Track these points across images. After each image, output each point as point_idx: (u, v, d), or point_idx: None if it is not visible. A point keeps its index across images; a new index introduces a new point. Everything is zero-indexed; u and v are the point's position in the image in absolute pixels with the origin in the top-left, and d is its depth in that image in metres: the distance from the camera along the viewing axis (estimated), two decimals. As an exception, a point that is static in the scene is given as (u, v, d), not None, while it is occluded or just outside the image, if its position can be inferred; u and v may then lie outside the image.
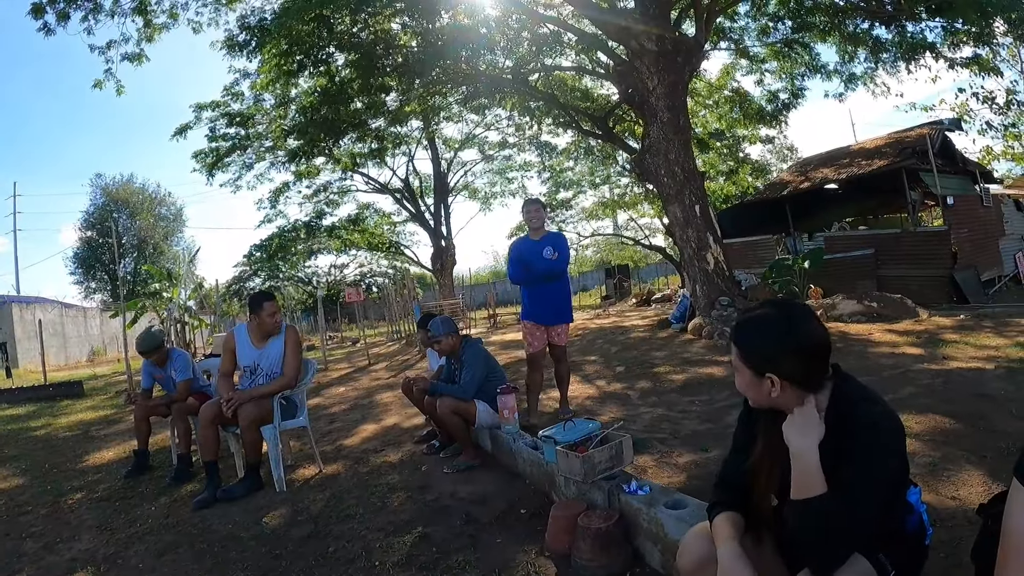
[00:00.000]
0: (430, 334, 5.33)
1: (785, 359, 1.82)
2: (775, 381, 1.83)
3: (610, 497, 3.36)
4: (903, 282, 13.20)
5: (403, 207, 25.89)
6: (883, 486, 1.73)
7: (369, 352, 14.45)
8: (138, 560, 3.81)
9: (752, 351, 1.89)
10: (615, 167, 23.77)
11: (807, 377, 1.85)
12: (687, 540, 2.12)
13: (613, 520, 3.09)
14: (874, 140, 20.52)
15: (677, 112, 10.56)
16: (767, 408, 1.98)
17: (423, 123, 21.09)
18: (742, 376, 1.93)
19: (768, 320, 1.90)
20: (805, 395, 1.86)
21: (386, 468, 5.18)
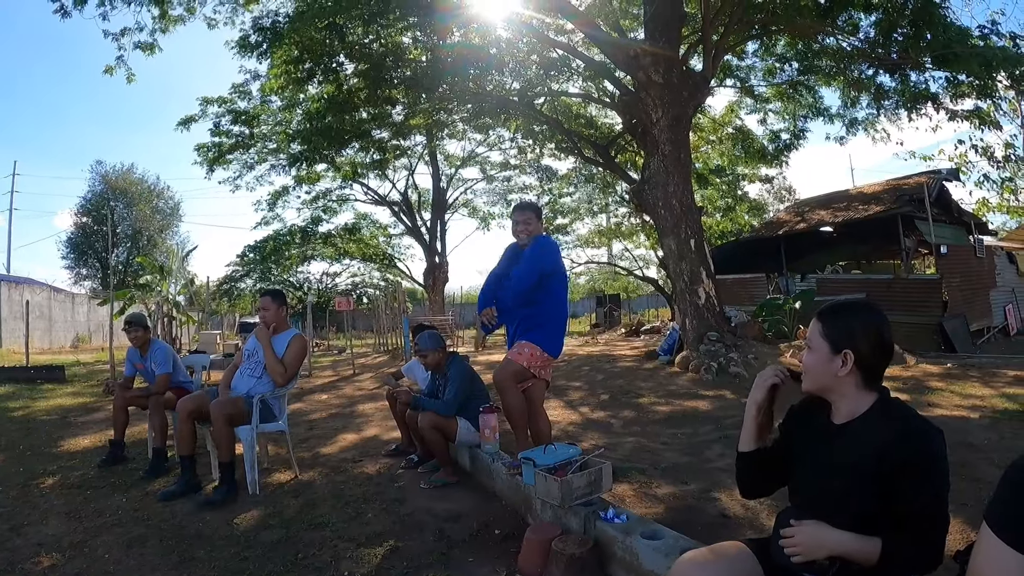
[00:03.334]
0: (417, 347, 5.29)
1: (865, 341, 1.94)
2: (848, 358, 1.93)
3: (586, 523, 3.33)
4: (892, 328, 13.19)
5: (400, 220, 26.00)
6: (945, 496, 1.81)
7: (355, 362, 14.38)
8: (104, 550, 3.76)
9: (837, 326, 1.98)
10: (614, 196, 23.99)
11: (871, 367, 1.95)
12: (678, 570, 2.09)
13: (588, 547, 3.06)
14: (872, 186, 20.77)
15: (679, 146, 10.64)
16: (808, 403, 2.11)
17: (426, 138, 21.23)
18: (816, 354, 2.01)
19: (858, 305, 2.05)
20: (862, 386, 1.96)
21: (363, 479, 5.13)
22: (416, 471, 5.19)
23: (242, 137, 20.14)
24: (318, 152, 15.31)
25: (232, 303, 30.40)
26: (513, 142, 21.41)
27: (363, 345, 22.20)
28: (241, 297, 29.69)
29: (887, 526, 1.80)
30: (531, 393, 4.73)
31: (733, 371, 9.12)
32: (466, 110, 16.27)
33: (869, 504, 1.83)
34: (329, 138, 14.30)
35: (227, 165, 20.96)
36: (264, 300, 5.24)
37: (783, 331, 12.34)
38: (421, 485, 4.82)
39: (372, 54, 12.90)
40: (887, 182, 20.15)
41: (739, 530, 3.60)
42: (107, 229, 28.32)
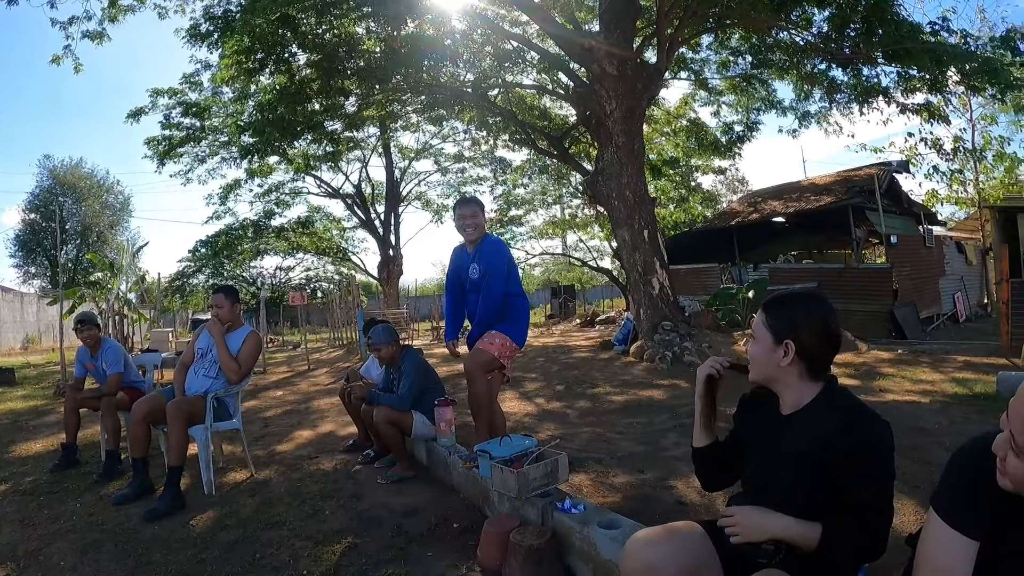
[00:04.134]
0: (371, 341, 5.25)
1: (807, 331, 1.94)
2: (790, 348, 1.94)
3: (544, 514, 3.34)
4: (844, 316, 13.45)
5: (354, 213, 25.81)
6: (888, 487, 1.81)
7: (310, 357, 14.24)
8: (60, 557, 3.67)
9: (780, 316, 1.99)
10: (568, 188, 24.06)
11: (815, 358, 1.95)
12: (631, 547, 2.11)
13: (546, 538, 3.07)
14: (823, 177, 21.11)
15: (632, 137, 10.72)
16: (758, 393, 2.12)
17: (380, 130, 21.05)
18: (760, 343, 2.02)
19: (803, 295, 2.06)
20: (807, 376, 1.97)
21: (319, 475, 5.09)
22: (373, 466, 5.15)
23: (193, 130, 19.76)
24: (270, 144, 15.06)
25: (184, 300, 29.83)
26: (467, 134, 21.33)
27: (318, 340, 22.01)
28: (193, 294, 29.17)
29: (832, 515, 1.82)
30: (490, 385, 4.70)
31: (687, 360, 9.24)
32: (420, 102, 16.19)
33: (816, 495, 1.85)
34: (281, 129, 14.07)
35: (178, 158, 20.57)
36: (217, 297, 5.13)
37: (736, 320, 12.53)
38: (378, 480, 4.79)
39: (325, 44, 12.72)
40: (838, 174, 20.50)
41: (696, 516, 3.64)
42: (55, 226, 27.51)
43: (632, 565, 2.07)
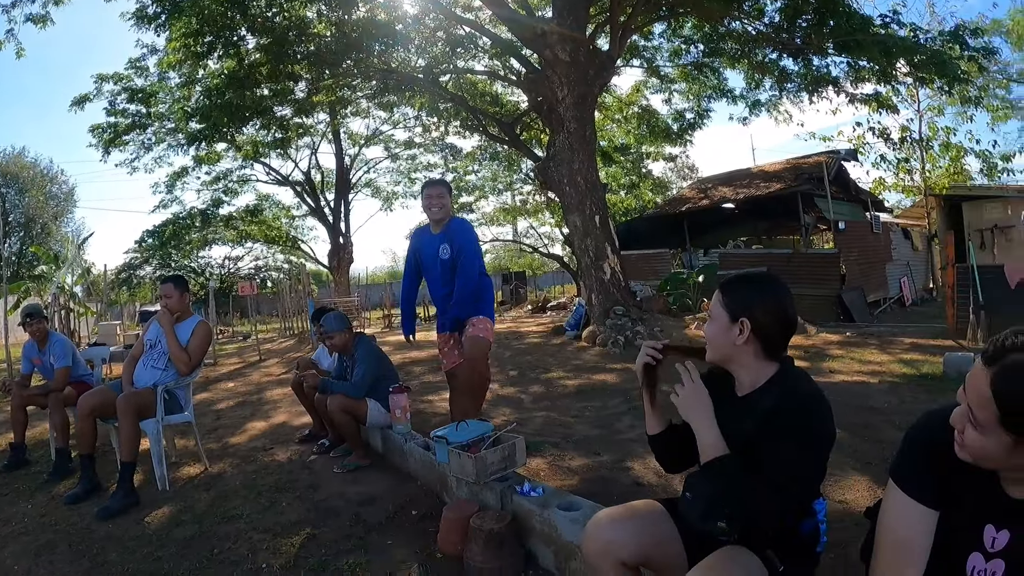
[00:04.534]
0: (323, 329, 5.20)
1: (762, 310, 1.96)
2: (745, 326, 1.94)
3: (503, 498, 3.37)
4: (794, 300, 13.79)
5: (303, 201, 25.50)
6: (795, 473, 1.81)
7: (261, 347, 14.04)
8: (13, 561, 3.59)
9: (736, 296, 2.00)
10: (519, 174, 24.04)
11: (770, 337, 1.97)
12: (593, 527, 2.15)
13: (506, 522, 3.09)
14: (773, 164, 21.48)
15: (584, 123, 10.76)
16: (715, 374, 2.10)
17: (329, 115, 20.76)
18: (716, 322, 2.03)
19: (760, 277, 2.07)
20: (762, 356, 1.98)
21: (274, 467, 5.05)
22: (328, 456, 5.13)
23: (139, 116, 19.25)
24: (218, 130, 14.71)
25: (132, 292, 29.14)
26: (418, 120, 21.08)
27: (268, 330, 21.73)
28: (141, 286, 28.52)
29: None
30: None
31: (640, 344, 9.30)
32: (371, 87, 16.01)
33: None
34: (229, 115, 13.74)
35: (123, 146, 19.99)
36: (166, 287, 5.02)
37: (687, 304, 12.70)
38: (334, 470, 4.77)
39: (275, 28, 12.46)
40: (788, 161, 20.86)
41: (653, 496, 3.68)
42: (-3, 218, 26.60)
43: (594, 545, 2.11)
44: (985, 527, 1.47)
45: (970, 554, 1.48)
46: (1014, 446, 1.30)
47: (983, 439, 1.34)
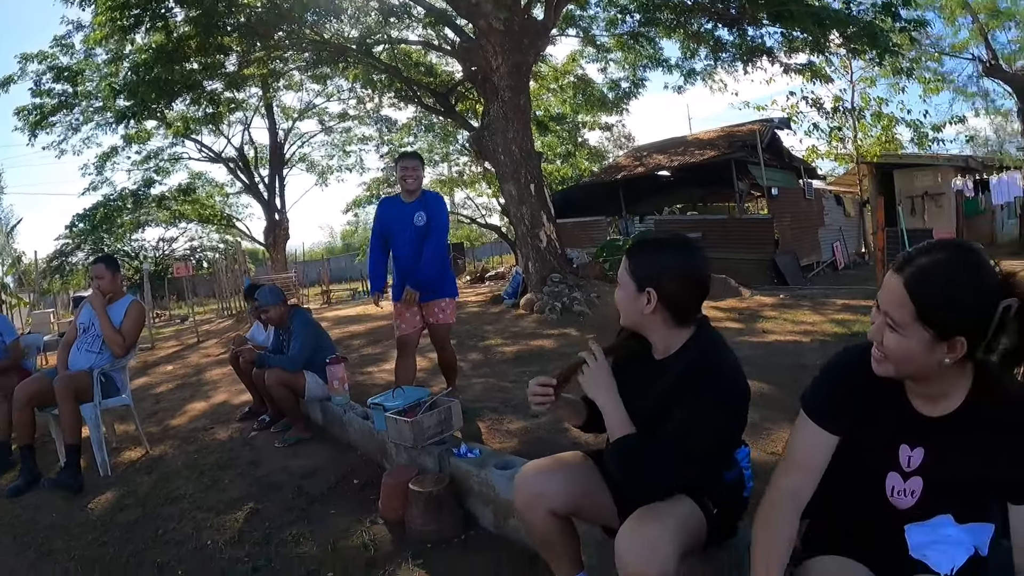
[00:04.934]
0: (257, 303, 5.18)
1: (670, 279, 1.93)
2: (652, 297, 1.94)
3: (440, 461, 3.44)
4: (728, 264, 14.04)
5: (237, 178, 24.87)
6: (706, 434, 1.86)
7: (199, 329, 13.80)
8: (-42, 558, 3.52)
9: (642, 264, 1.98)
10: (455, 145, 23.83)
11: (679, 305, 1.96)
12: (521, 479, 2.21)
13: (444, 484, 3.16)
14: (708, 132, 21.68)
15: (519, 92, 10.76)
16: (628, 338, 2.13)
17: (262, 89, 20.25)
18: (624, 290, 2.02)
19: (666, 242, 2.04)
20: (672, 323, 1.99)
21: (215, 446, 5.04)
22: (269, 431, 5.13)
23: (66, 96, 18.41)
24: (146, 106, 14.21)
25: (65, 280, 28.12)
26: (352, 92, 20.69)
27: (206, 311, 21.32)
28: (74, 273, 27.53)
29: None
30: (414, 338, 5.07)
31: (577, 310, 9.49)
32: (303, 59, 15.66)
33: None
34: (158, 90, 13.27)
35: (50, 128, 19.18)
36: (97, 268, 4.90)
37: (624, 270, 12.86)
38: (275, 444, 4.79)
39: (204, 0, 12.12)
40: (722, 129, 21.06)
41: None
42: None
43: (523, 496, 2.18)
44: (900, 447, 1.58)
45: (888, 474, 1.60)
46: (932, 342, 1.40)
47: (903, 339, 1.44)
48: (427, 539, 3.12)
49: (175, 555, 3.28)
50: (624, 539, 1.81)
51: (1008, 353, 1.41)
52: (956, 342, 1.39)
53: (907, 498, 1.58)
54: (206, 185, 26.79)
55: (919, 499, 1.56)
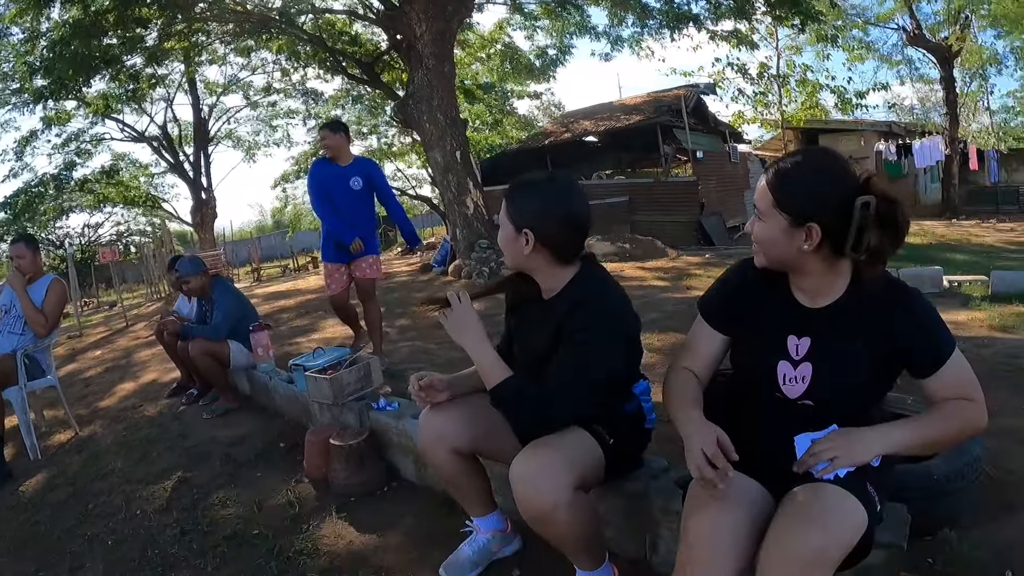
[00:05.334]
0: (178, 274, 5.14)
1: (543, 219, 1.94)
2: (529, 238, 1.95)
3: (361, 416, 3.51)
4: (655, 226, 14.37)
5: (161, 157, 24.16)
6: (593, 365, 1.90)
7: (128, 314, 13.52)
8: None
9: (519, 205, 1.99)
10: (383, 117, 23.49)
11: (559, 244, 1.99)
12: (424, 420, 2.27)
13: (364, 436, 3.22)
14: (634, 98, 21.86)
15: (443, 59, 10.73)
16: (516, 280, 2.17)
17: (184, 64, 19.63)
18: (504, 232, 2.03)
19: (539, 183, 2.03)
20: (555, 263, 2.02)
21: (144, 422, 5.03)
22: (198, 404, 5.13)
23: (-21, 80, 17.69)
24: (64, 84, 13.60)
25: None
26: (276, 64, 20.23)
27: (135, 296, 20.83)
28: (0, 264, 26.46)
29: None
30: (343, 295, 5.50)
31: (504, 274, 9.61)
32: (226, 31, 15.27)
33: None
34: (75, 67, 12.73)
35: (-36, 116, 18.41)
36: (16, 247, 4.80)
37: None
38: (204, 416, 4.81)
39: (121, -31, 11.67)
40: (648, 94, 21.23)
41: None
42: None
43: (427, 436, 2.24)
44: (788, 338, 1.74)
45: (779, 363, 1.74)
46: (789, 228, 1.61)
47: (766, 226, 1.66)
48: (351, 493, 3.20)
49: (105, 527, 3.31)
50: (517, 469, 1.87)
51: (872, 251, 1.56)
52: (811, 229, 1.58)
53: (798, 384, 1.71)
54: (130, 166, 25.96)
55: (809, 385, 1.69)
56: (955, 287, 6.84)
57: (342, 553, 2.76)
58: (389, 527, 2.91)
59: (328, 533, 2.93)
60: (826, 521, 1.41)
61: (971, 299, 6.23)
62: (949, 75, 21.01)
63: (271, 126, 25.59)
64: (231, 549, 2.90)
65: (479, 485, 2.38)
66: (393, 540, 2.81)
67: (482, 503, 2.42)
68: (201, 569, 2.77)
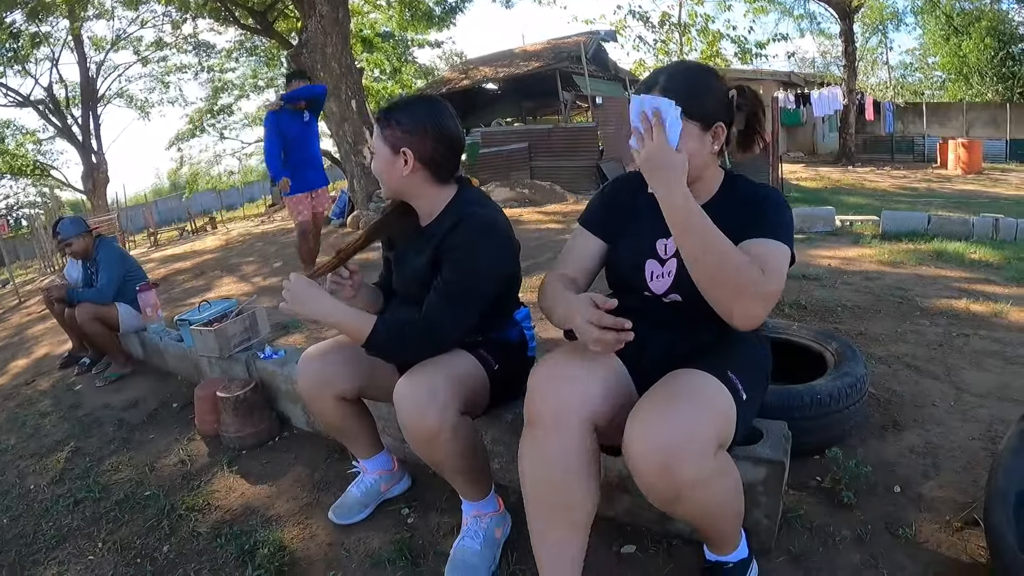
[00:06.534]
0: (59, 236, 4.92)
1: (420, 137, 1.94)
2: (408, 157, 1.94)
3: (248, 367, 3.48)
4: (555, 172, 14.41)
5: (48, 121, 22.92)
6: (471, 284, 1.91)
7: (20, 291, 12.91)
8: None
9: (392, 127, 1.97)
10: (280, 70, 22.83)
11: (437, 161, 1.98)
12: (303, 364, 2.23)
13: (251, 386, 3.18)
14: (534, 45, 21.87)
15: (336, 6, 10.49)
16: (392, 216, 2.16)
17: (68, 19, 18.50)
18: (380, 157, 1.99)
19: (411, 102, 2.03)
20: (433, 182, 2.02)
21: (37, 397, 4.84)
22: (91, 373, 4.96)
23: None
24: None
25: None
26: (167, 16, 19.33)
27: (29, 272, 19.89)
28: None
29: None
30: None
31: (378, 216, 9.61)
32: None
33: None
34: None
35: None
36: None
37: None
38: (96, 384, 4.66)
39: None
40: (548, 41, 21.29)
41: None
42: None
43: (307, 381, 2.21)
44: (658, 241, 1.79)
45: (647, 262, 1.80)
46: (700, 134, 1.69)
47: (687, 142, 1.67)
48: (243, 445, 3.19)
49: (2, 505, 3.22)
50: (400, 391, 1.86)
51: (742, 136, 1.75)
52: (718, 128, 1.69)
53: (664, 279, 1.77)
54: (15, 134, 24.58)
55: (674, 280, 1.75)
56: (847, 226, 7.17)
57: (234, 506, 2.76)
58: (280, 476, 2.92)
59: (220, 487, 2.92)
60: (692, 397, 1.48)
61: (862, 237, 6.57)
62: (849, 29, 21.50)
63: (164, 83, 24.53)
64: (123, 512, 2.86)
65: (364, 426, 2.38)
66: (284, 488, 2.82)
67: (369, 444, 2.42)
68: (95, 536, 2.72)
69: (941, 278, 4.84)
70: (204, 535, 2.58)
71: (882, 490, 2.23)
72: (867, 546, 1.99)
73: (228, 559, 2.38)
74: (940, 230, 6.62)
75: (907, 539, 2.00)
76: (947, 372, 3.12)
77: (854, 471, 2.22)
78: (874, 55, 24.47)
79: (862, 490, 2.21)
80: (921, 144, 22.67)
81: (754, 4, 19.82)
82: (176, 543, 2.55)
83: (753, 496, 1.91)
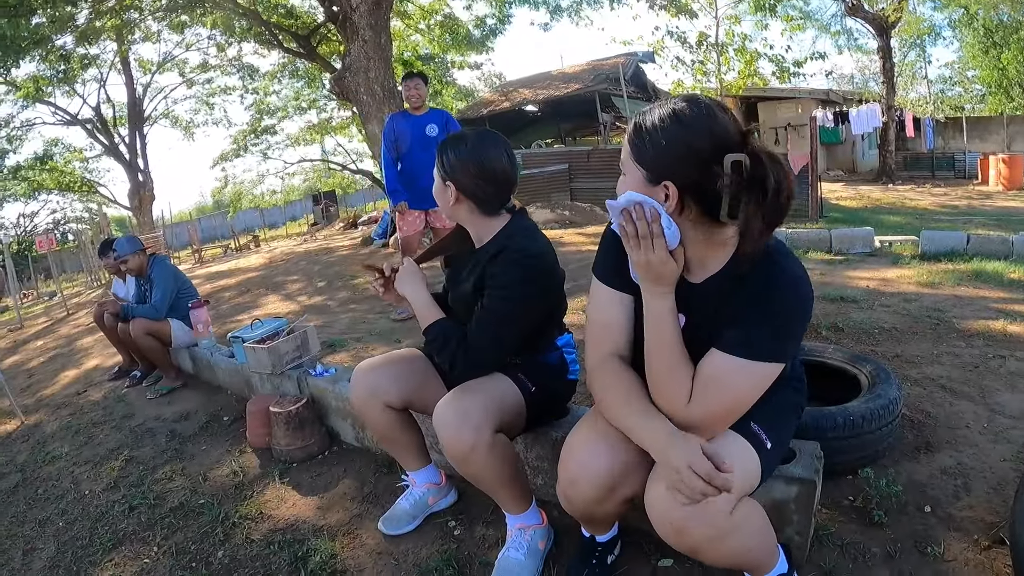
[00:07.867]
0: (115, 254, 5.09)
1: (461, 172, 2.06)
2: (452, 190, 2.08)
3: (299, 383, 3.59)
4: (594, 193, 14.51)
5: (96, 139, 23.57)
6: (512, 311, 2.02)
7: (68, 302, 13.27)
8: None
9: (443, 161, 2.08)
10: (322, 91, 23.14)
11: (478, 196, 2.09)
12: (356, 376, 2.38)
13: (302, 402, 3.29)
14: (573, 67, 21.96)
15: (379, 30, 10.65)
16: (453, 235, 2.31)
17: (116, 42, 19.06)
18: (436, 182, 2.14)
19: (461, 138, 2.12)
20: (479, 214, 2.13)
21: (89, 407, 5.02)
22: (142, 386, 5.13)
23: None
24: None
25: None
26: (212, 40, 19.81)
27: (75, 285, 20.40)
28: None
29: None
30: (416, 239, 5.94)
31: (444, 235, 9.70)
32: (159, 6, 14.83)
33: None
34: (3, 48, 12.38)
35: None
36: None
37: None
38: (148, 396, 4.82)
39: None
40: (587, 63, 21.38)
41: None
42: None
43: (359, 392, 2.34)
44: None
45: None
46: (645, 184, 1.47)
47: (625, 180, 1.54)
48: (293, 458, 3.29)
49: (56, 509, 3.34)
50: (439, 412, 1.97)
51: (731, 205, 1.39)
52: (667, 187, 1.44)
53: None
54: (64, 151, 25.28)
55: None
56: (886, 247, 7.14)
57: (285, 515, 2.86)
58: (330, 488, 3.03)
59: (271, 498, 3.03)
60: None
61: (900, 258, 6.53)
62: (887, 45, 21.27)
63: (208, 104, 25.06)
64: (178, 519, 2.98)
65: (413, 439, 2.49)
66: (334, 500, 2.92)
67: (417, 457, 2.53)
68: (150, 540, 2.84)
69: (979, 298, 4.81)
70: (257, 542, 2.69)
71: (913, 509, 2.26)
72: (896, 563, 2.03)
73: (281, 565, 2.49)
74: (979, 249, 6.56)
75: (935, 557, 2.03)
76: (981, 394, 3.12)
77: (885, 491, 2.25)
78: (912, 69, 24.12)
79: (893, 509, 2.24)
80: (962, 160, 22.29)
81: (791, 22, 19.68)
82: (230, 549, 2.67)
83: (785, 514, 1.96)
